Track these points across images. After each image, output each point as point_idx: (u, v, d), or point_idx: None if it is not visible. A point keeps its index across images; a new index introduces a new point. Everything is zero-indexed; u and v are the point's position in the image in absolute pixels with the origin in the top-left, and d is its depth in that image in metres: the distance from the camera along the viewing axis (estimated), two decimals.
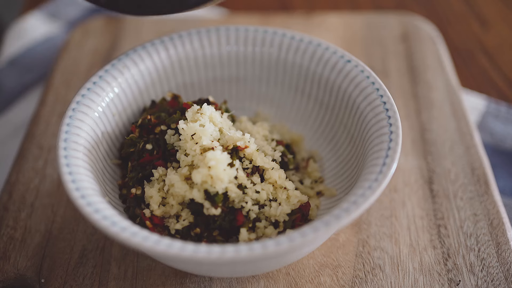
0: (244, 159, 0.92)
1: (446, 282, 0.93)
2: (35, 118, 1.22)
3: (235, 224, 0.89)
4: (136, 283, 0.94)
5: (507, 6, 1.67)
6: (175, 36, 1.09)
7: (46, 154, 1.14)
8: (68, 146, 0.88)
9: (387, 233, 1.00)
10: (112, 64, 1.02)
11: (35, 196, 1.07)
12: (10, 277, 0.95)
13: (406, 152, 1.14)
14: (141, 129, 0.99)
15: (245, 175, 0.90)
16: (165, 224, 0.91)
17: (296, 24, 1.46)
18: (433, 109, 1.22)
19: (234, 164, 0.89)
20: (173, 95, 1.04)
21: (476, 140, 1.15)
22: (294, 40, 1.08)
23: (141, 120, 0.99)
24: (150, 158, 0.95)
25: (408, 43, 1.40)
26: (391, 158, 0.84)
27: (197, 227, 0.90)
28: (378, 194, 0.80)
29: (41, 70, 1.45)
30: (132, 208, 0.94)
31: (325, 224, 0.77)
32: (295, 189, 0.98)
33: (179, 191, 0.88)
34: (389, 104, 0.92)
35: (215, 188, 0.86)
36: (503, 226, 1.00)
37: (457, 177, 1.09)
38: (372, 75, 0.98)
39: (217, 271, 0.88)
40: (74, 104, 0.94)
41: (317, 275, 0.95)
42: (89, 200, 0.80)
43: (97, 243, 0.99)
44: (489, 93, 1.37)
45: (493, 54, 1.50)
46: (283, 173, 0.94)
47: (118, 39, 1.43)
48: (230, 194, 0.88)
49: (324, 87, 1.06)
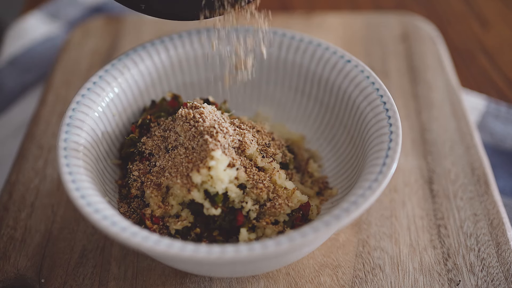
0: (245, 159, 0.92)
1: (446, 282, 0.93)
2: (35, 118, 1.22)
3: (235, 224, 0.89)
4: (136, 283, 0.94)
5: (507, 6, 1.67)
6: (175, 36, 1.09)
7: (46, 154, 1.14)
8: (68, 146, 0.88)
9: (387, 233, 1.00)
10: (112, 64, 1.02)
11: (35, 196, 1.07)
12: (10, 277, 0.95)
13: (406, 152, 1.14)
14: (141, 129, 0.99)
15: (245, 175, 0.90)
16: (165, 224, 0.91)
17: (296, 24, 1.46)
18: (433, 109, 1.22)
19: (235, 164, 0.89)
20: (173, 95, 1.04)
21: (476, 140, 1.15)
22: (294, 40, 1.08)
23: (141, 120, 0.99)
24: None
25: (408, 43, 1.40)
26: (391, 158, 0.84)
27: (197, 227, 0.90)
28: (378, 194, 0.80)
29: (41, 70, 1.45)
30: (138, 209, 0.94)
31: (325, 224, 0.77)
32: (295, 189, 0.98)
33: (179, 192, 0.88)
34: (389, 104, 0.92)
35: (215, 188, 0.86)
36: (503, 226, 1.00)
37: (457, 177, 1.09)
38: (372, 75, 0.98)
39: (217, 271, 0.88)
40: (74, 104, 0.94)
41: (317, 275, 0.95)
42: (89, 200, 0.80)
43: (97, 243, 0.99)
44: (489, 93, 1.37)
45: (493, 54, 1.50)
46: (283, 173, 0.94)
47: (118, 39, 1.43)
48: (230, 194, 0.88)
49: (324, 87, 1.06)
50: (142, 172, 0.95)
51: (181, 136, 0.92)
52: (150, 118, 0.99)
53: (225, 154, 0.88)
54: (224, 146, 0.89)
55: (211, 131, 0.89)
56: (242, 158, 0.92)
